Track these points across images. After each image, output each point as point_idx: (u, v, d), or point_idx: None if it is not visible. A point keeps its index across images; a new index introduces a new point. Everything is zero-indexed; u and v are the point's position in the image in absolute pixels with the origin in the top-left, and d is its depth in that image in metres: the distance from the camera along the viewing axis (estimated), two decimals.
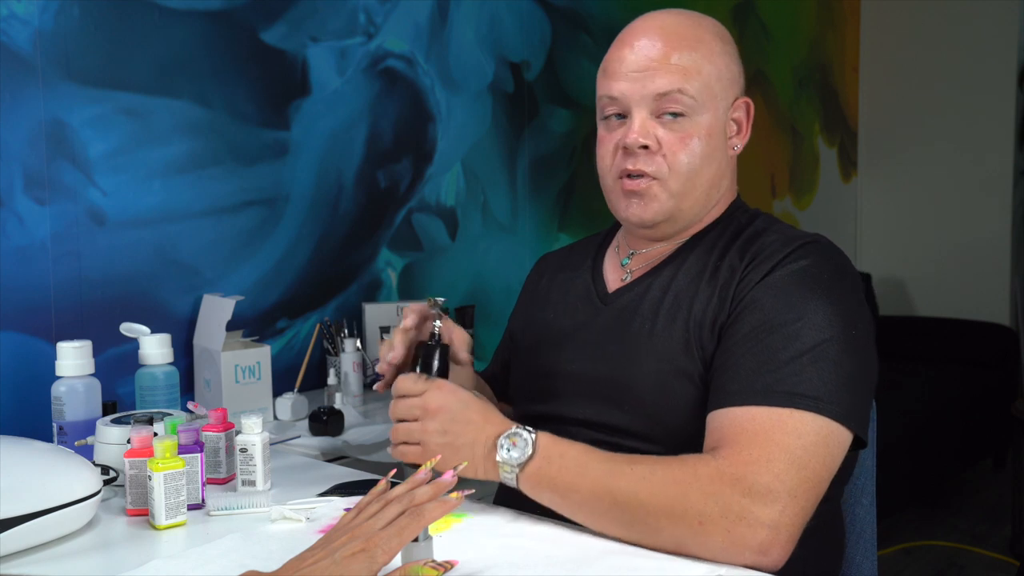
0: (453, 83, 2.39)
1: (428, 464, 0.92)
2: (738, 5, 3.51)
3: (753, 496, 0.93)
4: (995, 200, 4.12)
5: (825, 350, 1.00)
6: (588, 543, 1.00)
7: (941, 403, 3.48)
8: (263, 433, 1.21)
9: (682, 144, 1.13)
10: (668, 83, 1.11)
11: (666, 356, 1.10)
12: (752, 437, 0.97)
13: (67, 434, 1.31)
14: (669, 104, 1.12)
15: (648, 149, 1.13)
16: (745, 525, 0.92)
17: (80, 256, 1.69)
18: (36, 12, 1.62)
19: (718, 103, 1.15)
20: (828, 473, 0.99)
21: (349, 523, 0.86)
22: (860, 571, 1.27)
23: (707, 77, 1.13)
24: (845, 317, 1.04)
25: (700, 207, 1.17)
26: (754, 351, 1.02)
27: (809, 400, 0.98)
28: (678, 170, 1.13)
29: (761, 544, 0.93)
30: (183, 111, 1.84)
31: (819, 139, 4.14)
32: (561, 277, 1.31)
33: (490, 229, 2.52)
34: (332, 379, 1.87)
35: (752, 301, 1.06)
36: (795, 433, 0.96)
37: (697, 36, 1.14)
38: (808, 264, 1.07)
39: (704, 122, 1.13)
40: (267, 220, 2.00)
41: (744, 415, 0.99)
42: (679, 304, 1.12)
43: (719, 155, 1.16)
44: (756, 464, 0.94)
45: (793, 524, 0.94)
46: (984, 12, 4.10)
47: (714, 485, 0.94)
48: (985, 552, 3.01)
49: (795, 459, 0.95)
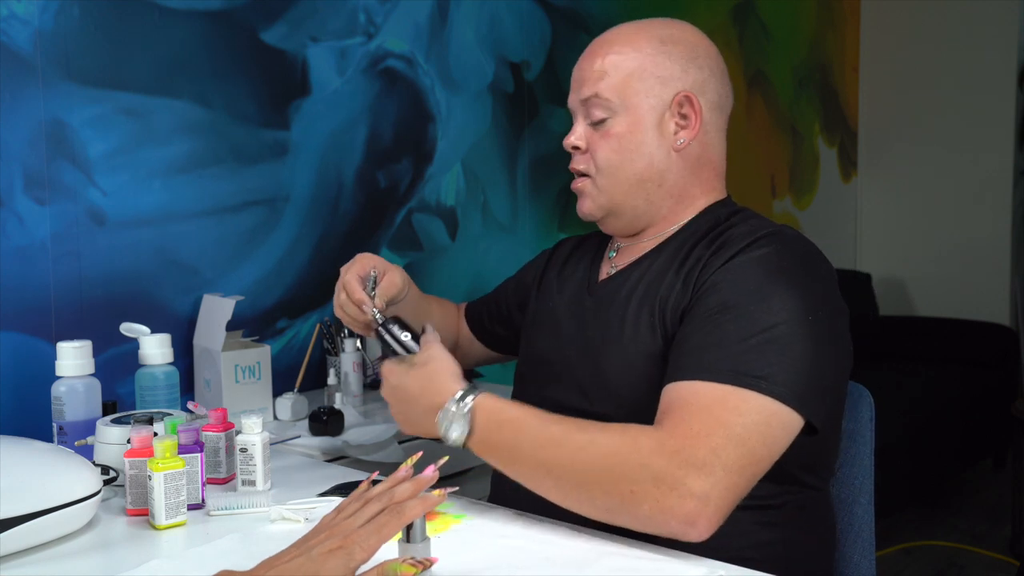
0: (453, 83, 2.39)
1: (409, 461, 0.92)
2: (738, 5, 3.51)
3: (687, 468, 0.95)
4: (995, 200, 4.12)
5: (777, 333, 1.02)
6: (587, 543, 1.00)
7: (941, 403, 3.48)
8: (263, 433, 1.21)
9: (603, 141, 1.21)
10: (588, 89, 1.21)
11: (635, 341, 1.14)
12: (694, 411, 0.99)
13: (67, 434, 1.31)
14: (591, 108, 1.21)
15: (579, 150, 1.24)
16: (676, 496, 0.94)
17: (80, 256, 1.69)
18: (36, 12, 1.62)
19: (643, 100, 1.19)
20: (769, 453, 1.00)
21: (329, 523, 0.85)
22: (859, 571, 1.27)
23: (627, 78, 1.19)
24: (805, 303, 1.05)
25: (639, 200, 1.21)
26: (706, 329, 1.05)
27: (752, 379, 0.99)
28: (601, 166, 1.21)
29: (688, 514, 0.94)
30: (183, 111, 1.84)
31: (819, 139, 4.14)
32: (568, 267, 1.36)
33: (490, 229, 2.52)
34: (332, 379, 1.88)
35: (712, 284, 1.09)
36: (736, 410, 0.98)
37: (628, 41, 1.21)
38: (769, 252, 1.09)
39: (626, 120, 1.19)
40: (267, 220, 2.00)
41: (689, 389, 1.01)
42: (648, 292, 1.16)
43: (649, 150, 1.19)
44: (695, 438, 0.96)
45: (723, 498, 0.96)
46: (984, 12, 4.10)
47: (652, 456, 0.96)
48: (985, 552, 3.01)
49: (733, 435, 0.97)
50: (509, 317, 1.47)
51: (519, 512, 1.11)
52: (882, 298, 4.29)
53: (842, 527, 1.27)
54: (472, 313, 1.54)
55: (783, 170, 3.87)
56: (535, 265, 1.45)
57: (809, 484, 1.13)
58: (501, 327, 1.49)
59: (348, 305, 1.24)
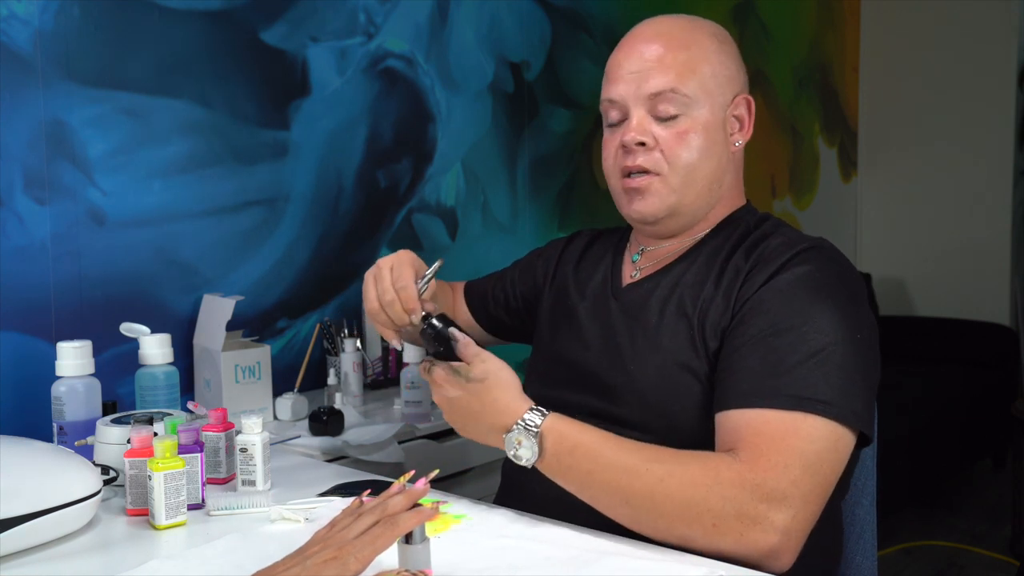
0: (453, 83, 2.39)
1: (402, 479, 0.93)
2: (738, 5, 3.51)
3: (770, 502, 0.95)
4: (995, 200, 4.12)
5: (831, 354, 1.02)
6: (588, 544, 1.00)
7: (941, 403, 3.48)
8: (263, 433, 1.21)
9: (679, 140, 1.15)
10: (662, 83, 1.15)
11: (670, 350, 1.12)
12: (768, 441, 0.98)
13: (67, 434, 1.31)
14: (664, 102, 1.15)
15: (645, 146, 1.16)
16: (759, 530, 0.94)
17: (80, 256, 1.69)
18: (36, 12, 1.62)
19: (714, 100, 1.17)
20: (836, 476, 1.01)
21: (323, 536, 0.86)
22: (860, 571, 1.27)
23: (701, 75, 1.16)
24: (849, 322, 1.05)
25: (703, 202, 1.19)
26: (761, 353, 1.03)
27: (818, 404, 0.99)
28: (676, 165, 1.16)
29: (772, 549, 0.94)
30: (183, 111, 1.84)
31: (819, 139, 4.14)
32: (585, 265, 1.33)
33: (490, 229, 2.52)
34: (332, 379, 1.87)
35: (757, 304, 1.07)
36: (808, 438, 0.98)
37: (691, 37, 1.17)
38: (812, 269, 1.09)
39: (700, 118, 1.16)
40: (267, 220, 2.00)
41: (758, 418, 1.00)
42: (684, 301, 1.14)
43: (718, 150, 1.18)
44: (775, 470, 0.96)
45: (803, 530, 0.96)
46: (984, 12, 4.10)
47: (734, 489, 0.95)
48: (985, 552, 3.01)
49: (809, 464, 0.97)
50: (515, 305, 1.44)
51: (519, 512, 1.11)
52: (882, 298, 4.29)
53: (844, 528, 1.27)
54: (473, 296, 1.49)
55: (783, 170, 3.87)
56: (545, 256, 1.43)
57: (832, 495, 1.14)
58: (506, 314, 1.46)
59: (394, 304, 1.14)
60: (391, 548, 0.84)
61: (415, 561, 0.87)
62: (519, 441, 1.04)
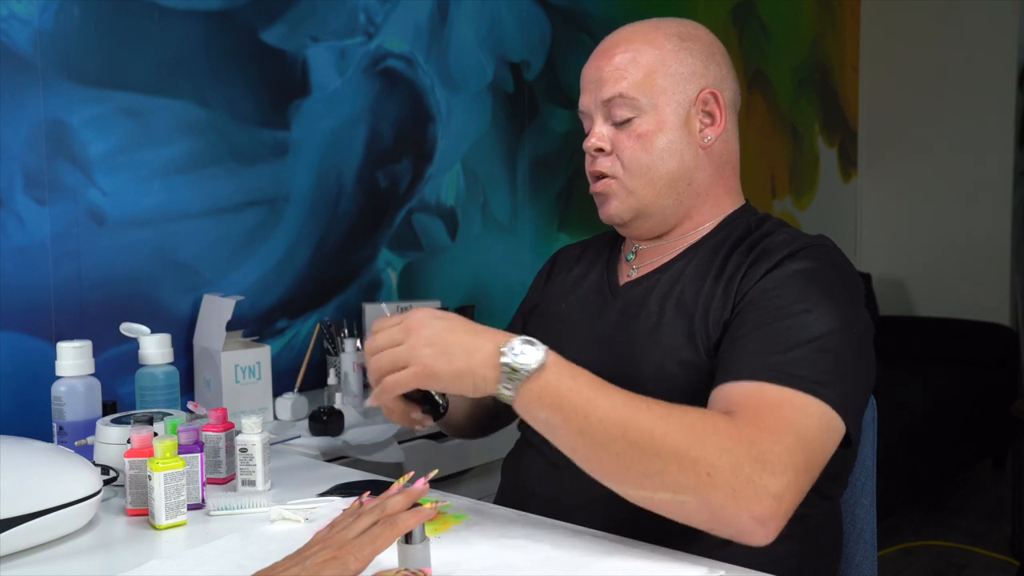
0: (453, 83, 2.39)
1: (401, 480, 0.93)
2: (738, 5, 3.51)
3: (764, 463, 0.92)
4: (995, 200, 4.12)
5: (829, 341, 1.02)
6: (587, 543, 1.00)
7: (941, 403, 3.48)
8: (263, 433, 1.21)
9: (634, 142, 1.17)
10: (613, 89, 1.17)
11: (670, 347, 1.12)
12: (763, 408, 0.97)
13: (67, 434, 1.31)
14: (616, 107, 1.18)
15: (603, 151, 1.19)
16: (752, 489, 0.91)
17: (80, 256, 1.69)
18: (36, 12, 1.62)
19: (672, 98, 1.17)
20: (824, 459, 0.99)
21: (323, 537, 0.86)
22: (860, 571, 1.27)
23: (654, 76, 1.17)
24: (847, 318, 1.05)
25: (670, 201, 1.19)
26: (762, 335, 1.03)
27: (815, 385, 0.98)
28: (631, 167, 1.18)
29: (762, 512, 0.91)
30: (183, 111, 1.84)
31: (819, 139, 4.14)
32: (577, 271, 1.33)
33: (490, 229, 2.52)
34: (332, 379, 1.88)
35: (758, 293, 1.07)
36: (803, 412, 0.97)
37: (647, 40, 1.18)
38: (813, 265, 1.09)
39: (657, 118, 1.17)
40: (267, 220, 2.00)
41: (754, 388, 0.99)
42: (685, 297, 1.14)
43: (679, 148, 1.18)
44: (769, 432, 0.94)
45: (792, 501, 0.93)
46: (984, 12, 4.10)
47: (731, 442, 0.92)
48: (985, 552, 3.01)
49: (801, 437, 0.95)
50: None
51: (519, 512, 1.11)
52: (882, 298, 4.29)
53: (844, 528, 1.27)
54: None
55: (783, 170, 3.88)
56: (534, 287, 1.42)
57: (829, 495, 1.13)
58: None
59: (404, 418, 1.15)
60: (391, 548, 0.85)
61: (415, 561, 0.87)
62: (521, 350, 0.96)
